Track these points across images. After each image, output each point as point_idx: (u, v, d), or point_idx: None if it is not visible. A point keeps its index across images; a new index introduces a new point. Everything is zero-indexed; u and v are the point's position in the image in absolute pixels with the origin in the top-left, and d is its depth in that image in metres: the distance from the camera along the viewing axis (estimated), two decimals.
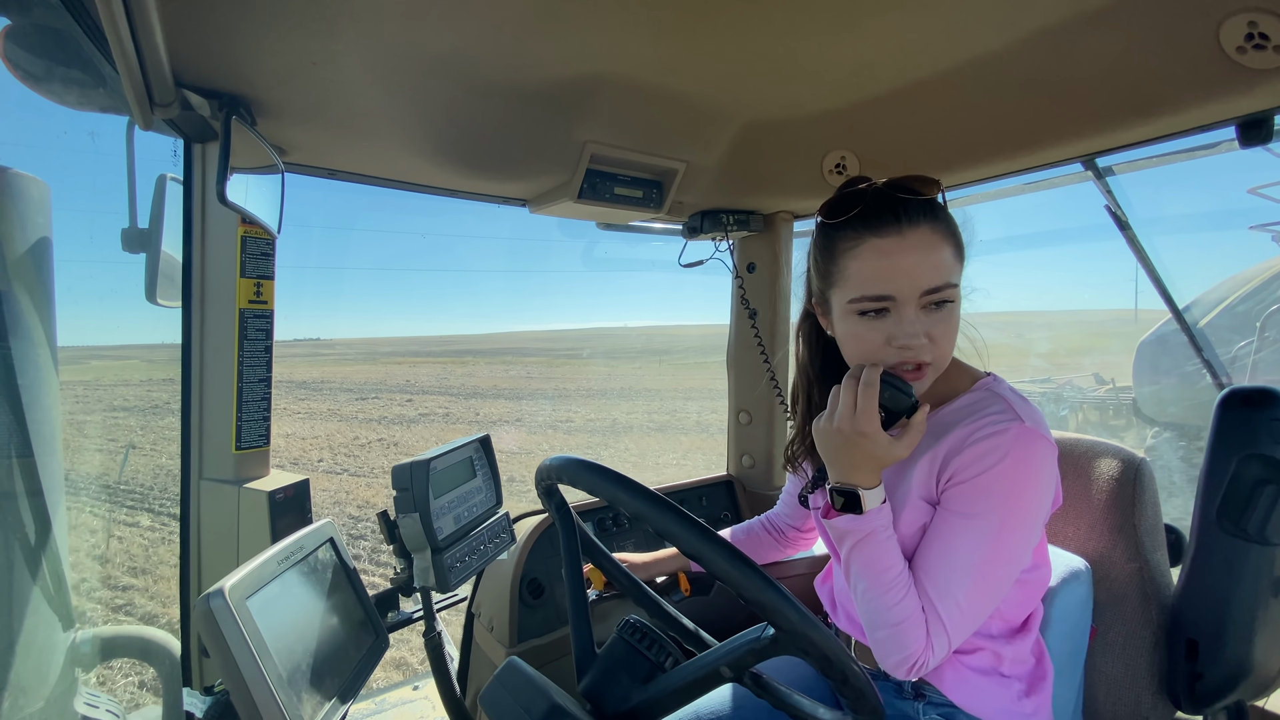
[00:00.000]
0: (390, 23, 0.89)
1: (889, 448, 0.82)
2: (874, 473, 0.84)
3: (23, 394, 1.06)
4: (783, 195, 1.64)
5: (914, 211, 0.84)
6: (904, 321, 0.84)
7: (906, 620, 0.82)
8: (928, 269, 0.83)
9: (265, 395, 1.23)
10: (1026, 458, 0.83)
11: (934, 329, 0.85)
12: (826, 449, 0.86)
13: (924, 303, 0.84)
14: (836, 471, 0.86)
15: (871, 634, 0.86)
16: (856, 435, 0.82)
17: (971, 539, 0.83)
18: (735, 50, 1.02)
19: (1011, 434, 0.84)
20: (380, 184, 1.42)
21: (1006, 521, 0.83)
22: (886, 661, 0.85)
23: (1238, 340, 5.45)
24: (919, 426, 0.84)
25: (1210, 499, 1.04)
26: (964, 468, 0.85)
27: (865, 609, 0.86)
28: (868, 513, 0.84)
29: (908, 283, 0.83)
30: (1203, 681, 1.04)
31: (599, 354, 52.12)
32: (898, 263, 0.83)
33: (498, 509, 1.25)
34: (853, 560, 0.86)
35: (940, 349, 0.86)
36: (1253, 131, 1.02)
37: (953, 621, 0.83)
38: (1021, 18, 0.94)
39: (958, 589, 0.83)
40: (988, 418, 0.87)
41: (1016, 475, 0.83)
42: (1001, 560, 0.84)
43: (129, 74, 0.80)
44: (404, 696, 2.00)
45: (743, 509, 1.85)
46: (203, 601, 0.70)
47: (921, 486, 0.90)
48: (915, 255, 0.83)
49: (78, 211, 3.32)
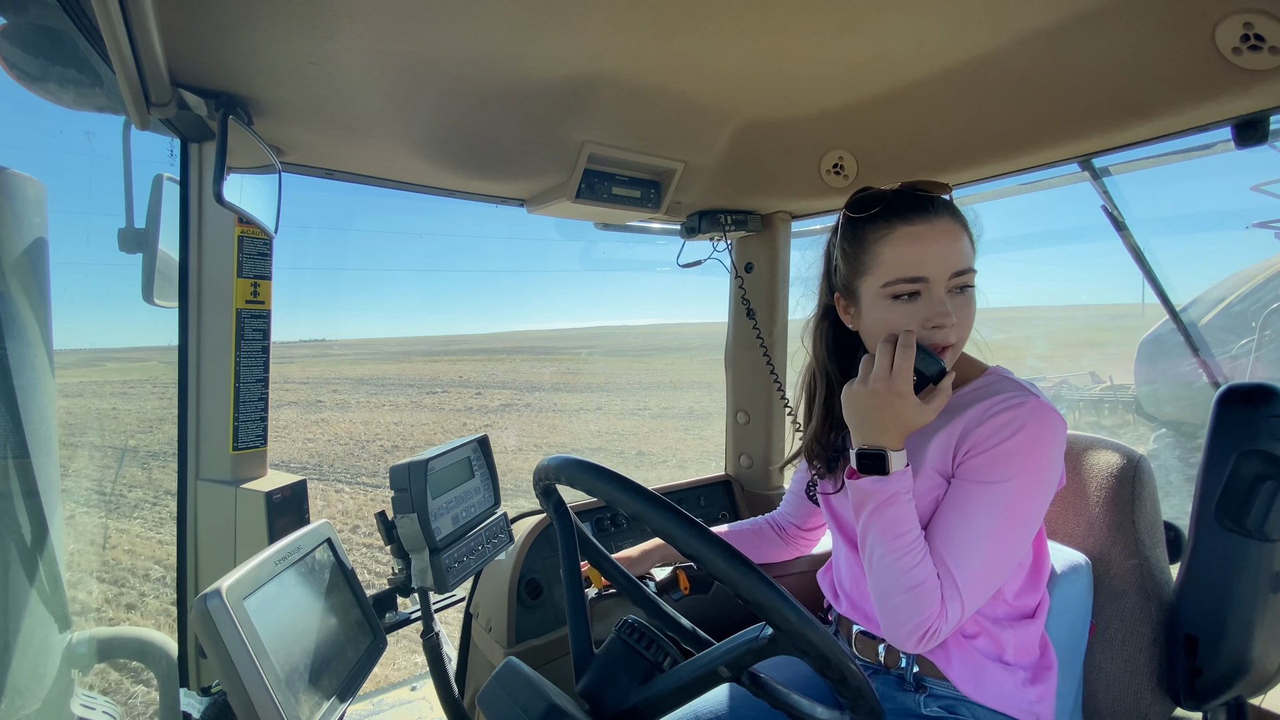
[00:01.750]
0: (388, 22, 0.89)
1: (918, 410, 0.88)
2: (901, 435, 0.90)
3: (18, 395, 1.06)
4: (781, 195, 1.64)
5: (938, 204, 0.93)
6: (935, 302, 0.91)
7: (923, 583, 0.86)
8: (955, 253, 0.91)
9: (262, 395, 1.23)
10: (1043, 429, 0.88)
11: (959, 312, 0.91)
12: (858, 411, 0.92)
13: (951, 285, 0.92)
14: (865, 434, 0.91)
15: (885, 603, 0.88)
16: (892, 395, 0.88)
17: (988, 506, 0.87)
18: (733, 50, 1.02)
19: (1029, 407, 0.90)
20: (378, 184, 1.42)
21: (1022, 489, 0.87)
22: (899, 631, 0.87)
23: (1237, 339, 5.46)
24: (945, 391, 0.91)
25: (1209, 495, 1.05)
26: (983, 439, 0.90)
27: (880, 577, 0.89)
28: (893, 474, 0.89)
29: (939, 265, 0.90)
30: (1202, 678, 1.05)
31: (610, 351, 52.45)
32: (929, 246, 0.91)
33: (496, 509, 1.24)
34: (871, 525, 0.90)
35: (963, 331, 0.93)
36: (1248, 132, 1.02)
37: (967, 587, 0.86)
38: (1018, 18, 0.95)
39: (974, 554, 0.86)
40: (1004, 395, 0.93)
41: (1034, 445, 0.88)
42: (1015, 527, 0.88)
43: (125, 73, 0.80)
44: (402, 697, 2.00)
45: (741, 509, 1.85)
46: (200, 602, 0.69)
47: (937, 460, 0.94)
48: (944, 240, 0.91)
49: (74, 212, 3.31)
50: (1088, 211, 2.03)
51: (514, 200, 1.56)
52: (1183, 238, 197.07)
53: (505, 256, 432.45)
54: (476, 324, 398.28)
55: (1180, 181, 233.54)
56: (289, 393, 24.34)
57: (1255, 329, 5.30)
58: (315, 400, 22.56)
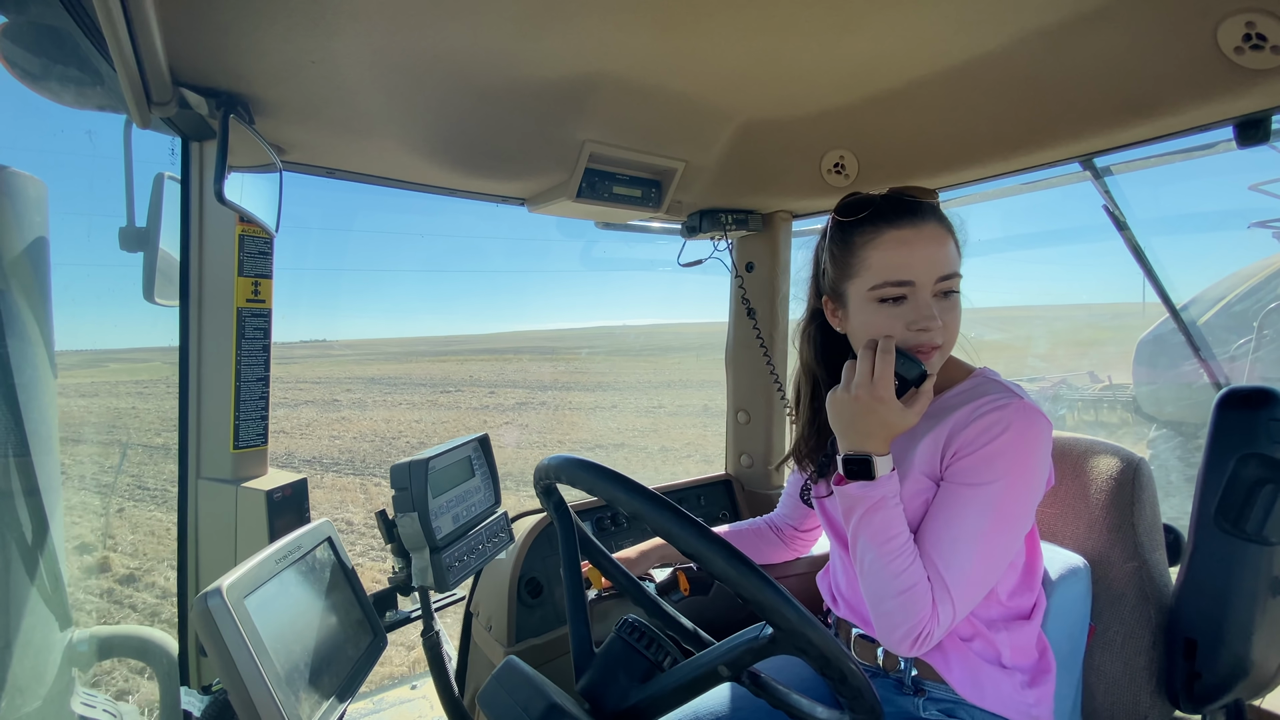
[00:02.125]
0: (389, 21, 0.89)
1: (901, 414, 0.89)
2: (885, 440, 0.90)
3: (20, 393, 1.06)
4: (781, 194, 1.64)
5: (925, 209, 0.94)
6: (921, 305, 0.92)
7: (913, 587, 0.86)
8: (941, 257, 0.92)
9: (263, 394, 1.23)
10: (1029, 429, 0.89)
11: (945, 316, 0.92)
12: (842, 417, 0.92)
13: (937, 289, 0.92)
14: (850, 440, 0.92)
15: (878, 608, 0.88)
16: (874, 401, 0.88)
17: (977, 507, 0.88)
18: (734, 49, 1.02)
19: (1014, 408, 0.90)
20: (378, 183, 1.42)
21: (1009, 489, 0.88)
22: (892, 636, 0.87)
23: (1236, 338, 5.46)
24: (927, 394, 0.91)
25: (1208, 498, 1.05)
26: (969, 441, 0.90)
27: (872, 581, 0.89)
28: (879, 479, 0.89)
29: (925, 269, 0.91)
30: (1201, 681, 1.05)
31: (611, 351, 52.65)
32: (916, 250, 0.92)
33: (496, 508, 1.25)
34: (861, 530, 0.90)
35: (949, 334, 0.93)
36: (1250, 131, 1.02)
37: (958, 589, 0.86)
38: (1020, 17, 0.94)
39: (964, 556, 0.86)
40: (990, 396, 0.93)
41: (1020, 446, 0.88)
42: (1004, 528, 0.88)
43: (126, 72, 0.80)
44: (402, 696, 2.00)
45: (741, 508, 1.85)
46: (200, 601, 0.70)
47: (925, 463, 0.94)
48: (931, 245, 0.92)
49: (75, 211, 3.31)
50: (1089, 211, 2.03)
51: (515, 199, 1.56)
52: (1184, 237, 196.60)
53: (505, 257, 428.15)
54: (476, 324, 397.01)
55: (1182, 181, 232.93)
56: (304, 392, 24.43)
57: (1255, 329, 5.30)
58: (331, 399, 22.69)
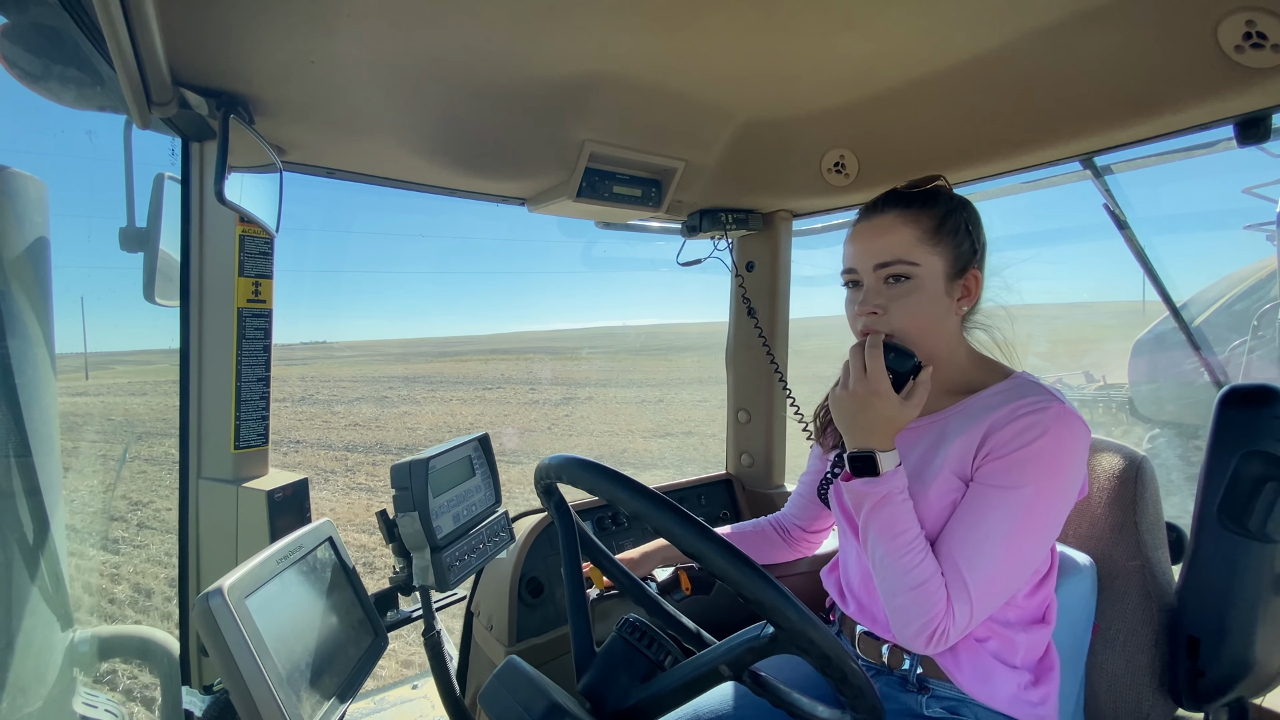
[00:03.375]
0: (389, 21, 0.89)
1: (900, 408, 0.90)
2: (888, 435, 0.91)
3: (20, 394, 1.06)
4: (782, 194, 1.64)
5: (887, 201, 0.99)
6: (864, 292, 0.98)
7: (926, 582, 0.85)
8: (880, 247, 0.96)
9: (264, 394, 1.23)
10: (1066, 435, 0.87)
11: (891, 303, 0.95)
12: (844, 416, 0.93)
13: (881, 276, 0.96)
14: (854, 437, 0.93)
15: (891, 603, 0.88)
16: (870, 396, 0.90)
17: (1006, 511, 0.86)
18: (734, 48, 1.02)
19: (1052, 412, 0.89)
20: (379, 183, 1.41)
21: (1041, 496, 0.86)
22: (906, 631, 0.87)
23: (1233, 338, 5.46)
24: (925, 385, 0.93)
25: (1211, 496, 1.04)
26: (1004, 443, 0.89)
27: (884, 576, 0.89)
28: (884, 475, 0.89)
29: (864, 258, 0.98)
30: (1204, 679, 1.04)
31: (610, 351, 52.77)
32: (860, 242, 0.99)
33: (497, 508, 1.25)
34: (870, 525, 0.90)
35: (893, 321, 0.95)
36: (1251, 130, 1.02)
37: (978, 590, 0.84)
38: (1020, 16, 0.94)
39: (987, 559, 0.85)
40: (1029, 398, 0.92)
41: (1055, 451, 0.87)
42: (1032, 534, 0.87)
43: (126, 72, 0.80)
44: (403, 695, 2.00)
45: (742, 508, 1.85)
46: (201, 600, 0.70)
47: (956, 462, 0.94)
48: (876, 234, 0.97)
49: (75, 212, 3.32)
50: (1089, 210, 2.03)
51: (515, 199, 1.56)
52: (1184, 236, 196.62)
53: (505, 258, 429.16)
54: (477, 325, 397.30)
55: (1182, 180, 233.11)
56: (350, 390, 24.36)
57: (1251, 329, 5.30)
58: (381, 396, 22.66)
